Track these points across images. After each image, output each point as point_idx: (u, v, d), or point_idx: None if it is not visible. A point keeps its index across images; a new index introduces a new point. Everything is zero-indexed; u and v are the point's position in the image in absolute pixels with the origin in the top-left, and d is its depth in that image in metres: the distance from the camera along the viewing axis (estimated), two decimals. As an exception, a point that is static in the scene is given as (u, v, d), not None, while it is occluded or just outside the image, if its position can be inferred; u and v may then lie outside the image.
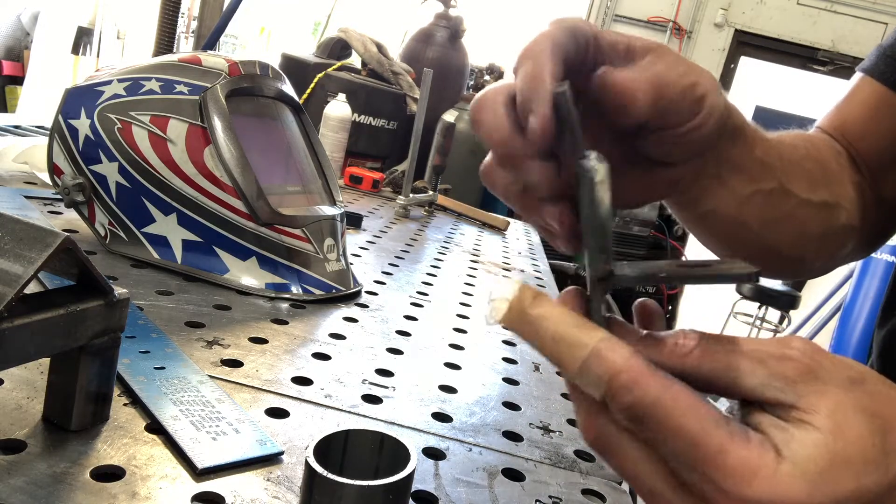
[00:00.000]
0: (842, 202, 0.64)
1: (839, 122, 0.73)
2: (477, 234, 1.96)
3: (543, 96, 0.39)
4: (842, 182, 0.65)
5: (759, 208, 0.56)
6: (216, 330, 0.83)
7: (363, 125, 3.07)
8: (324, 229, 1.05)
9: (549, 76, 0.39)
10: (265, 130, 1.12)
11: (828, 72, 6.14)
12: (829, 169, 0.64)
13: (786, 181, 0.57)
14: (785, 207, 0.58)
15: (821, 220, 0.62)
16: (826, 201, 0.62)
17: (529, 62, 0.40)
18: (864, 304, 3.46)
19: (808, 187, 0.59)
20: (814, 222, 0.61)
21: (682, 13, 6.25)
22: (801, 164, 0.60)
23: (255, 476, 0.57)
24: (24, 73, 4.95)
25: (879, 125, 0.71)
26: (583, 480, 0.70)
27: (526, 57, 0.41)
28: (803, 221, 0.60)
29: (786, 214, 0.58)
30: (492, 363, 0.97)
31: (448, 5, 3.70)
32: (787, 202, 0.58)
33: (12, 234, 0.48)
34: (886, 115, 0.71)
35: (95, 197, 1.01)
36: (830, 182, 0.63)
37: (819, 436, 0.34)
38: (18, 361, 0.50)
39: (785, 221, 0.59)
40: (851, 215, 0.65)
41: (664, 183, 0.51)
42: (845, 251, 0.69)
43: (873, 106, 0.72)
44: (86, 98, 1.00)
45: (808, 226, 0.61)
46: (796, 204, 0.58)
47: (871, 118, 0.71)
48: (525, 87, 0.40)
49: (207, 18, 2.41)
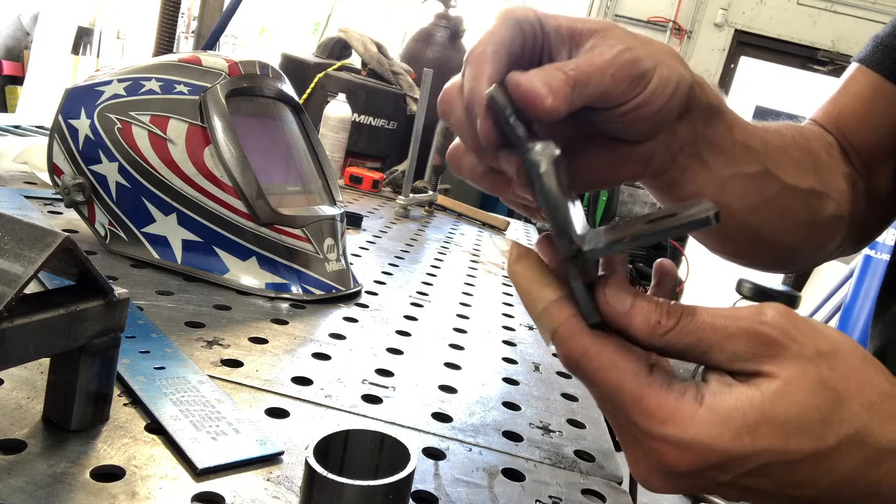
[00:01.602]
0: (830, 192, 0.63)
1: (834, 114, 0.72)
2: (477, 234, 1.96)
3: (479, 101, 0.41)
4: (831, 171, 0.65)
5: (742, 192, 0.56)
6: (216, 330, 0.83)
7: (363, 125, 3.07)
8: (324, 229, 1.05)
9: (485, 80, 0.42)
10: (265, 130, 1.12)
11: (828, 72, 6.14)
12: (817, 157, 0.64)
13: (770, 165, 0.56)
14: (769, 192, 0.57)
15: (808, 208, 0.61)
16: (813, 188, 0.61)
17: (472, 66, 0.43)
18: (864, 304, 3.46)
19: (794, 174, 0.59)
20: (800, 210, 0.61)
21: (682, 13, 6.26)
22: (786, 150, 0.59)
23: (255, 476, 0.57)
24: (24, 73, 4.95)
25: (874, 116, 0.70)
26: (583, 480, 0.70)
27: (469, 61, 0.43)
28: (789, 209, 0.60)
29: (770, 199, 0.58)
30: (492, 363, 0.97)
31: (448, 5, 3.70)
32: (770, 187, 0.57)
33: (12, 234, 0.48)
34: (882, 106, 0.70)
35: (95, 197, 1.01)
36: (819, 170, 0.63)
37: (758, 394, 0.37)
38: (18, 361, 0.50)
39: (769, 206, 0.58)
40: (841, 206, 0.64)
41: (633, 162, 0.51)
42: (834, 243, 0.68)
43: (868, 97, 0.71)
44: (86, 98, 1.00)
45: (794, 213, 0.60)
46: (781, 189, 0.58)
47: (867, 109, 0.71)
48: (467, 92, 0.42)
49: (207, 18, 2.41)
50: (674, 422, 0.37)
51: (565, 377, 0.98)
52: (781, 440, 0.37)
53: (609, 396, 0.39)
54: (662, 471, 0.39)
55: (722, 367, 0.38)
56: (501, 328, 1.13)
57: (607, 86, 0.43)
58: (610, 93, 0.43)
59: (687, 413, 0.37)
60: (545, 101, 0.40)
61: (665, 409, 0.37)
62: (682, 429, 0.37)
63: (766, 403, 0.37)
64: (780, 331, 0.37)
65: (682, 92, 0.47)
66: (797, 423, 0.36)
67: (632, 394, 0.38)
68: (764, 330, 0.37)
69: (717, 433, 0.37)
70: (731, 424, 0.37)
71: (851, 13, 5.96)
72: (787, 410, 0.36)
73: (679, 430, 0.37)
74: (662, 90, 0.45)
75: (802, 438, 0.37)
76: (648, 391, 0.38)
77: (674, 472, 0.38)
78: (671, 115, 0.48)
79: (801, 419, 0.37)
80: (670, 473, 0.39)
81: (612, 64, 0.43)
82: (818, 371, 0.37)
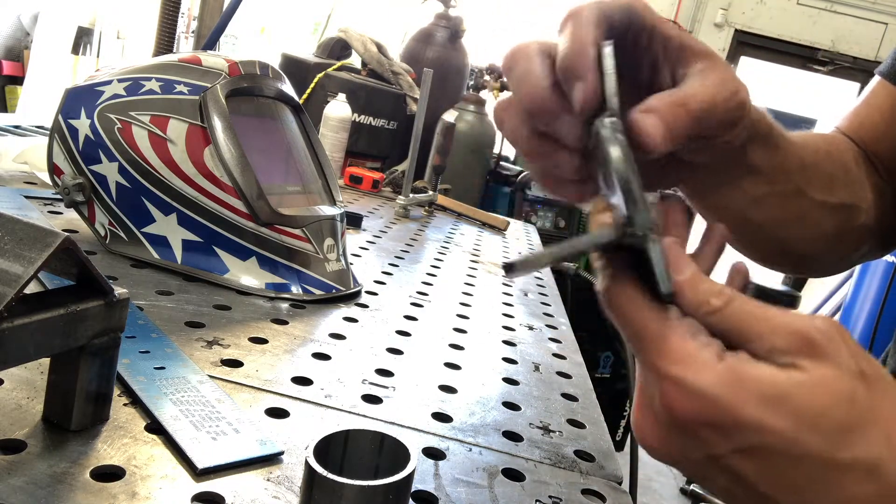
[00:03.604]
0: (860, 203, 0.64)
1: (857, 125, 0.73)
2: (477, 234, 1.96)
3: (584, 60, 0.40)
4: (861, 183, 0.66)
5: (771, 208, 0.56)
6: (216, 330, 0.83)
7: (363, 125, 3.07)
8: (324, 229, 1.05)
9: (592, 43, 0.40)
10: (265, 130, 1.12)
11: (828, 72, 6.14)
12: (849, 170, 0.65)
13: (803, 184, 0.57)
14: (799, 209, 0.58)
15: (837, 220, 0.62)
16: (844, 203, 0.62)
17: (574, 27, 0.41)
18: (864, 305, 3.45)
19: (826, 190, 0.60)
20: (829, 223, 0.61)
21: (682, 13, 6.25)
22: (820, 166, 0.60)
23: (255, 476, 0.57)
24: (24, 73, 4.95)
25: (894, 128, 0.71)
26: (583, 480, 0.70)
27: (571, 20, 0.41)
28: (818, 222, 0.60)
29: (799, 215, 0.58)
30: (492, 363, 0.97)
31: (448, 5, 3.69)
32: (801, 204, 0.58)
33: (12, 234, 0.48)
34: None
35: (95, 197, 1.01)
36: (850, 183, 0.64)
37: (784, 376, 0.35)
38: (18, 361, 0.50)
39: (798, 221, 0.59)
40: (869, 216, 0.65)
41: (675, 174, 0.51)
42: (861, 252, 0.69)
43: (888, 109, 0.72)
44: (86, 98, 1.00)
45: (822, 226, 0.61)
46: (811, 206, 0.58)
47: (887, 121, 0.71)
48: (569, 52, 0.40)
49: (207, 18, 2.41)
50: (687, 365, 0.36)
51: (565, 377, 0.98)
52: (793, 427, 0.35)
53: (634, 334, 0.39)
54: (663, 418, 0.38)
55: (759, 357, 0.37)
56: (501, 328, 1.13)
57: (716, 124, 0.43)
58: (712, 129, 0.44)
59: (704, 362, 0.36)
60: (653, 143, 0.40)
61: (683, 351, 0.37)
62: (695, 374, 0.36)
63: (789, 387, 0.35)
64: (828, 338, 0.36)
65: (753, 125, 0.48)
66: (814, 418, 0.35)
67: (654, 332, 0.38)
68: (811, 332, 0.36)
69: (729, 391, 0.35)
70: (746, 388, 0.35)
71: (851, 13, 5.96)
72: (809, 402, 0.35)
73: (690, 374, 0.36)
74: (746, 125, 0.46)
75: (815, 436, 0.35)
76: (671, 333, 0.37)
77: (674, 422, 0.37)
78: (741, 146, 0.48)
79: (821, 417, 0.35)
80: (670, 423, 0.38)
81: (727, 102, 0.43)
82: (853, 385, 0.35)
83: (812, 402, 0.35)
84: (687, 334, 0.37)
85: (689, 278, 0.39)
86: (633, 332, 0.39)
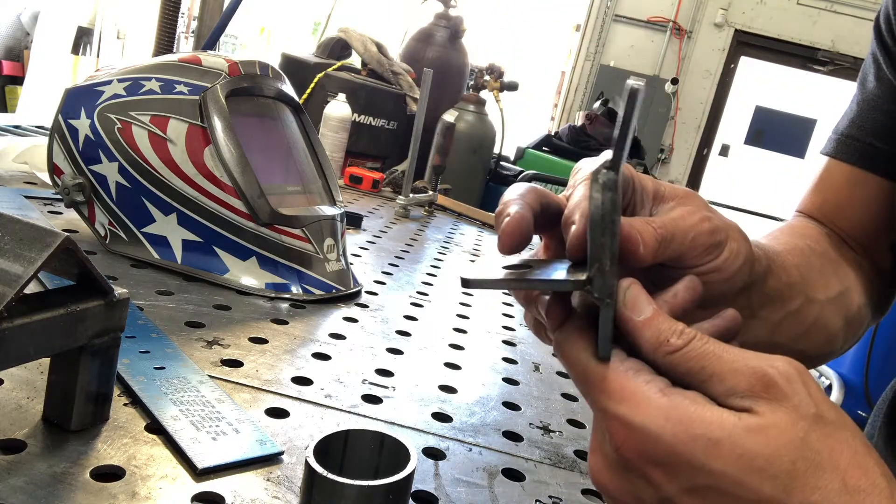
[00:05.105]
0: (851, 285, 0.67)
1: (819, 204, 0.76)
2: (477, 234, 1.96)
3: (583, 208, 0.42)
4: (842, 265, 0.69)
5: (793, 326, 0.59)
6: (216, 330, 0.83)
7: (363, 125, 3.07)
8: (324, 229, 1.05)
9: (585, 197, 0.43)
10: (265, 130, 1.12)
11: (828, 72, 6.14)
12: (831, 258, 0.68)
13: (808, 290, 0.60)
14: (811, 315, 0.60)
15: (841, 310, 0.65)
16: (840, 291, 0.65)
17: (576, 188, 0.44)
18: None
19: (824, 286, 0.62)
20: (835, 317, 0.64)
21: (681, 13, 6.26)
22: (811, 265, 0.63)
23: (255, 476, 0.57)
24: (24, 73, 4.95)
25: (855, 203, 0.74)
26: (583, 480, 0.70)
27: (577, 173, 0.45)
28: (827, 322, 0.63)
29: (813, 322, 0.61)
30: (492, 363, 0.97)
31: (448, 5, 3.70)
32: (812, 310, 0.60)
33: (12, 234, 0.48)
34: (860, 193, 0.74)
35: (95, 197, 1.01)
36: (837, 270, 0.67)
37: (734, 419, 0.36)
38: (18, 361, 0.50)
39: (813, 329, 0.61)
40: (859, 293, 0.68)
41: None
42: (865, 327, 0.72)
43: (845, 185, 0.75)
44: (86, 98, 1.00)
45: (832, 323, 0.64)
46: (819, 308, 0.61)
47: (846, 198, 0.75)
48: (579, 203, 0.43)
49: (207, 18, 2.41)
50: (629, 402, 0.37)
51: (565, 377, 0.98)
52: (741, 471, 0.35)
53: (578, 375, 0.40)
54: (613, 458, 0.39)
55: (717, 399, 0.37)
56: (501, 328, 1.13)
57: (686, 248, 0.45)
58: (687, 255, 0.45)
59: (644, 397, 0.37)
60: (638, 247, 0.42)
61: (626, 389, 0.38)
62: (636, 410, 0.37)
63: (738, 430, 0.35)
64: (786, 379, 0.36)
65: (748, 268, 0.49)
66: (764, 463, 0.35)
67: (596, 373, 0.39)
68: (770, 373, 0.36)
69: (670, 428, 0.36)
70: (691, 428, 0.35)
71: (851, 13, 5.96)
72: (758, 447, 0.35)
73: (632, 411, 0.37)
74: (732, 262, 0.47)
75: (764, 481, 0.35)
76: (613, 373, 0.39)
77: (623, 462, 0.38)
78: (736, 287, 0.49)
79: (770, 462, 0.35)
80: (619, 463, 0.38)
81: (693, 229, 0.45)
82: (808, 429, 0.35)
83: (761, 446, 0.35)
84: (630, 371, 0.38)
85: (649, 318, 0.39)
86: (578, 373, 0.40)
